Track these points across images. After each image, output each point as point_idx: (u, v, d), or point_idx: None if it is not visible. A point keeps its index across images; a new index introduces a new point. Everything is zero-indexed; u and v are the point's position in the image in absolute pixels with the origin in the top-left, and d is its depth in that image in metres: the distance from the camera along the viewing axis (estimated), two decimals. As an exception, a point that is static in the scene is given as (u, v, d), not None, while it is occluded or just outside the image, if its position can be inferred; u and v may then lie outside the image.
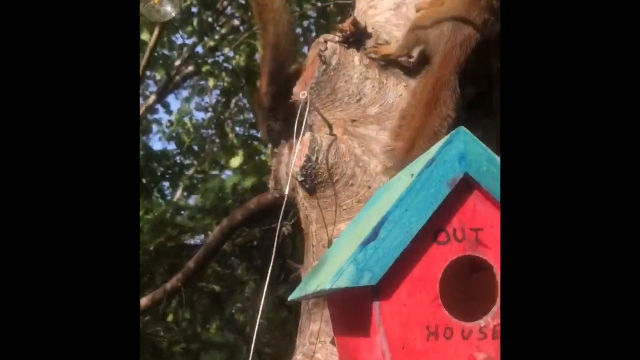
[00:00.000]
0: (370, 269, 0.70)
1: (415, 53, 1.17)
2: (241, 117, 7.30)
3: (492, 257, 0.75)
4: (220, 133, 6.22)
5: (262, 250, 3.47)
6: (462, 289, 0.85)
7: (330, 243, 1.16)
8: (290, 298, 0.95)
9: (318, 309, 1.15)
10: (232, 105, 7.02)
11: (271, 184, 1.31)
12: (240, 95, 6.32)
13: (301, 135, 1.16)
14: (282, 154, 1.27)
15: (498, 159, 0.75)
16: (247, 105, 6.77)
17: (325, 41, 1.19)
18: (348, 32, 1.18)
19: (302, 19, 4.92)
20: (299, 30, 4.91)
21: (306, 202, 1.19)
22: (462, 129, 0.75)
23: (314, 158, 1.13)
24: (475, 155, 0.75)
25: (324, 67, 1.19)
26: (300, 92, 1.16)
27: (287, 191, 1.12)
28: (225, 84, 5.65)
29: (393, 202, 0.74)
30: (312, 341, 1.15)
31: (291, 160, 1.15)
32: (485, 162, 0.75)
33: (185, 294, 2.94)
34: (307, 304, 1.20)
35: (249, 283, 3.77)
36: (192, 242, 3.56)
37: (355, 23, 1.18)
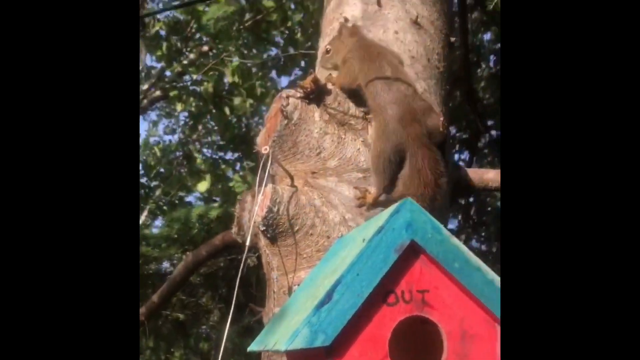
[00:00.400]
0: (323, 331, 0.75)
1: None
2: (209, 138, 7.32)
3: (438, 317, 0.81)
4: (187, 157, 6.22)
5: (227, 279, 3.49)
6: (412, 345, 0.90)
7: (290, 290, 1.21)
8: (249, 349, 1.00)
9: (277, 356, 1.19)
10: (199, 128, 7.03)
11: (234, 229, 1.35)
12: (208, 117, 6.35)
13: (263, 186, 1.21)
14: (246, 201, 1.31)
15: (441, 226, 0.82)
16: (215, 128, 6.80)
17: (287, 97, 1.25)
18: (309, 89, 1.24)
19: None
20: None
21: (268, 249, 1.24)
22: (409, 199, 0.82)
23: (275, 209, 1.18)
24: (421, 223, 0.81)
25: (285, 121, 1.25)
26: (262, 147, 1.21)
27: (248, 242, 1.17)
28: (193, 109, 5.68)
29: (346, 266, 0.79)
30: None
31: (254, 210, 1.20)
32: (430, 229, 0.81)
33: (149, 324, 2.93)
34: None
35: (214, 311, 3.77)
36: (155, 269, 3.55)
37: (315, 81, 1.24)
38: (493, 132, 3.29)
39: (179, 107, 5.56)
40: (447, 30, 1.51)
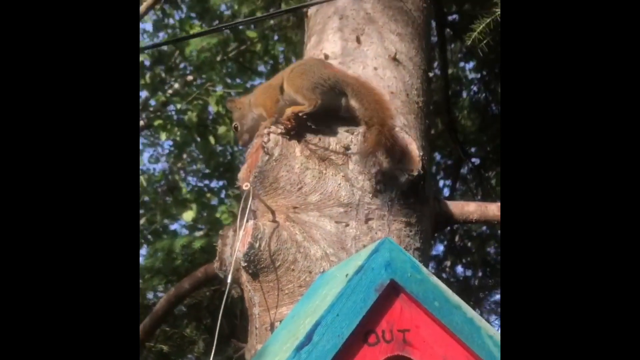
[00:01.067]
0: None
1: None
2: (194, 167, 7.30)
3: (419, 356, 0.81)
4: (172, 187, 6.21)
5: (211, 310, 3.45)
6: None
7: (272, 327, 1.21)
8: None
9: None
10: (184, 156, 7.02)
11: (216, 264, 1.35)
12: (193, 146, 6.35)
13: (245, 221, 1.21)
14: (227, 236, 1.31)
15: (421, 265, 0.82)
16: (200, 156, 6.79)
17: (269, 133, 1.26)
18: (289, 125, 1.25)
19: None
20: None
21: (249, 285, 1.24)
22: (388, 239, 0.83)
23: (257, 245, 1.18)
24: (400, 262, 0.82)
25: (267, 157, 1.26)
26: (243, 183, 1.22)
27: (229, 279, 1.16)
28: (178, 137, 5.69)
29: (326, 306, 0.80)
30: None
31: (235, 246, 1.20)
32: (409, 268, 0.82)
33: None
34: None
35: (198, 342, 3.72)
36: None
37: (295, 117, 1.25)
38: (474, 160, 3.32)
39: (163, 136, 5.56)
40: (426, 65, 1.54)
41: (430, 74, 1.55)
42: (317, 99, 1.25)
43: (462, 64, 3.75)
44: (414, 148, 1.29)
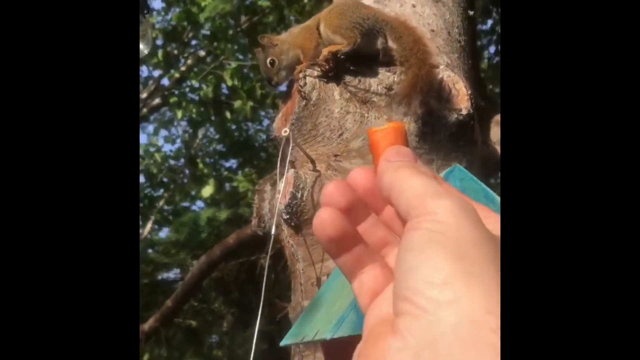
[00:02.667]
0: None
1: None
2: (210, 148, 7.24)
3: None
4: (189, 164, 6.16)
5: (239, 283, 3.41)
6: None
7: (319, 281, 1.14)
8: (283, 343, 0.92)
9: (310, 352, 1.11)
10: (200, 135, 6.96)
11: (254, 221, 1.28)
12: (208, 125, 6.29)
13: (285, 171, 1.14)
14: (265, 191, 1.24)
15: (495, 195, 0.74)
16: (217, 136, 6.73)
17: (305, 76, 1.18)
18: (326, 67, 1.17)
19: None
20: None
21: (292, 240, 1.17)
22: (458, 166, 0.74)
23: (298, 195, 1.11)
24: (472, 192, 0.73)
25: (304, 102, 1.17)
26: (282, 129, 1.14)
27: (273, 231, 1.09)
28: (194, 115, 5.62)
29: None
30: (305, 384, 1.12)
31: (275, 197, 1.12)
32: (482, 198, 0.74)
33: (163, 332, 2.86)
34: (299, 345, 1.16)
35: (227, 316, 3.69)
36: (166, 277, 3.48)
37: (333, 57, 1.17)
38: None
39: (179, 114, 5.49)
40: (466, 3, 1.44)
41: (471, 12, 1.45)
42: (357, 37, 1.16)
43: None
44: (462, 86, 1.20)
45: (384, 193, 0.49)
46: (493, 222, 0.52)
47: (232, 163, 6.61)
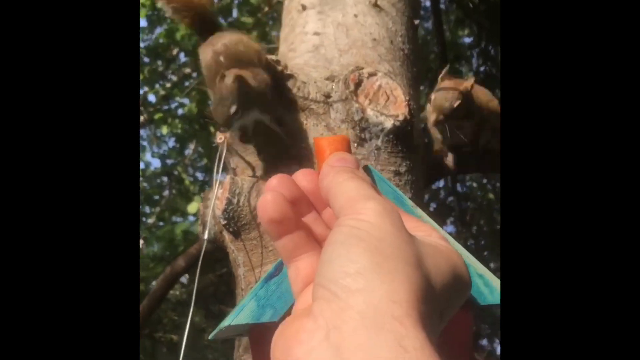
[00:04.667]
0: (272, 305, 0.69)
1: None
2: (199, 164, 7.26)
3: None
4: (175, 180, 6.17)
5: (219, 296, 3.41)
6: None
7: (258, 286, 1.15)
8: (210, 337, 0.93)
9: (248, 355, 1.12)
10: (189, 152, 6.98)
11: (200, 228, 1.29)
12: (195, 141, 6.31)
13: (216, 177, 1.16)
14: (209, 199, 1.26)
15: (405, 197, 0.75)
16: (204, 152, 6.75)
17: (244, 84, 1.20)
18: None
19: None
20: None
21: (232, 245, 1.18)
22: (368, 165, 0.76)
23: (234, 201, 1.12)
24: (383, 193, 0.75)
25: (243, 110, 1.19)
26: (218, 136, 1.16)
27: (206, 235, 1.11)
28: (180, 131, 5.64)
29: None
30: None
31: (212, 202, 1.14)
32: (392, 199, 0.75)
33: (142, 345, 2.85)
34: (239, 349, 1.17)
35: (208, 330, 3.68)
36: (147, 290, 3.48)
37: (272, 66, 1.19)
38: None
39: (164, 129, 5.52)
40: (410, 12, 1.47)
41: (416, 22, 1.48)
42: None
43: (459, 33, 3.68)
44: (400, 93, 1.22)
45: (323, 194, 0.55)
46: (423, 231, 0.56)
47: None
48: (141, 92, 6.24)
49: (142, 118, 6.16)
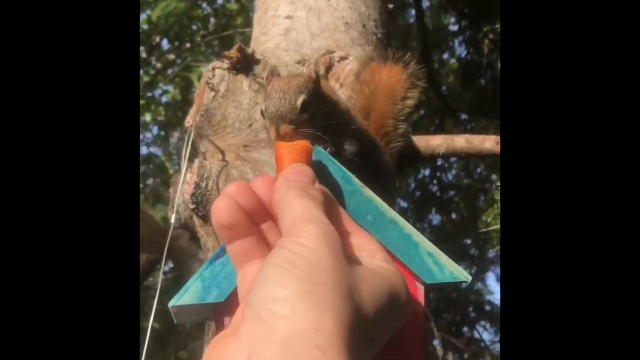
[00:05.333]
0: (217, 286, 0.68)
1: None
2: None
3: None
4: (160, 169, 6.14)
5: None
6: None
7: (226, 270, 1.15)
8: (175, 321, 0.93)
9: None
10: (173, 140, 6.94)
11: (169, 213, 1.29)
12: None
13: (186, 161, 1.15)
14: (177, 182, 1.25)
15: (353, 176, 0.75)
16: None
17: (213, 69, 1.19)
18: (235, 59, 1.18)
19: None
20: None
21: (202, 230, 1.18)
22: (317, 148, 0.75)
23: (203, 185, 1.12)
24: (330, 172, 0.75)
25: (212, 94, 1.19)
26: (185, 121, 1.15)
27: (173, 219, 1.10)
28: (163, 118, 5.61)
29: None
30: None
31: (178, 187, 1.13)
32: (340, 179, 0.75)
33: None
34: (208, 334, 1.17)
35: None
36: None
37: (241, 49, 1.18)
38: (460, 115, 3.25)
39: (147, 116, 5.48)
40: (385, -3, 1.46)
41: (390, 6, 1.47)
42: None
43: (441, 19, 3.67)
44: (369, 77, 1.21)
45: (274, 208, 0.57)
46: (367, 251, 0.58)
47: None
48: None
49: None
